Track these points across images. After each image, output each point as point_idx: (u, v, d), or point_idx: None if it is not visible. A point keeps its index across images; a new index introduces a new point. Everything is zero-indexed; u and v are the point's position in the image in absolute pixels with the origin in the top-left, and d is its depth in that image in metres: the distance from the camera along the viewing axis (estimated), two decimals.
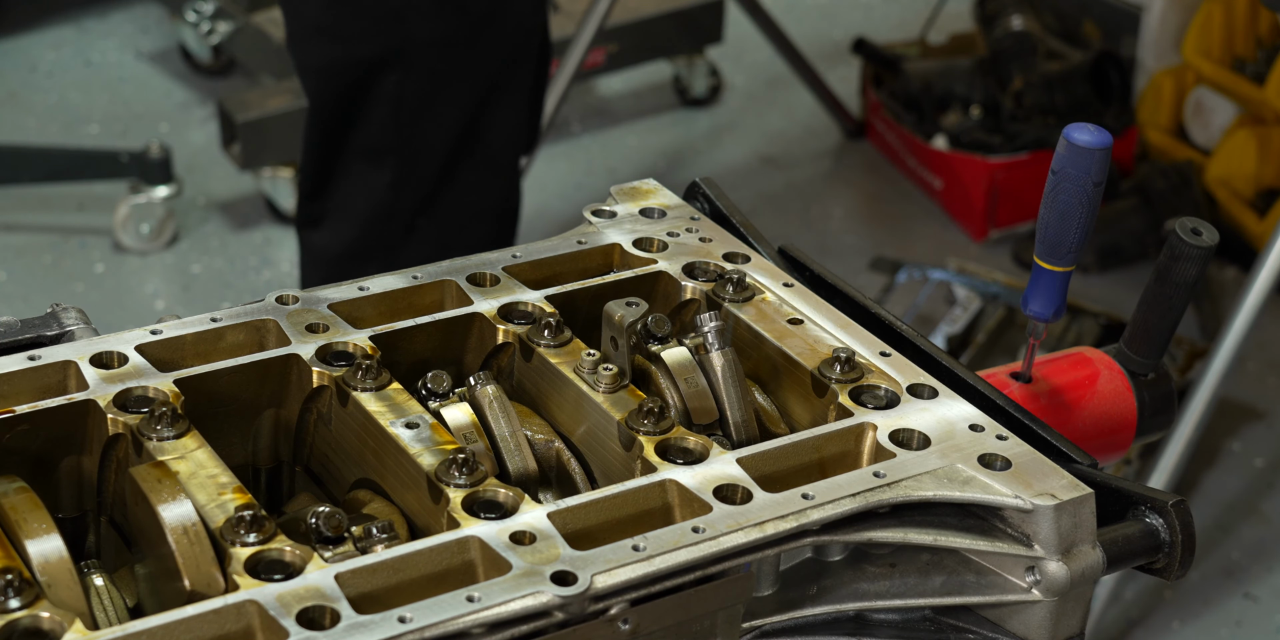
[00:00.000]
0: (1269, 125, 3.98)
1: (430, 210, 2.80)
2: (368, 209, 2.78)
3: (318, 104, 2.74)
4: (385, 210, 2.78)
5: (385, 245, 2.81)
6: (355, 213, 2.80)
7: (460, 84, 2.70)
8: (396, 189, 2.75)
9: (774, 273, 1.59)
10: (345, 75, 2.69)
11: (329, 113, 2.74)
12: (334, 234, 2.84)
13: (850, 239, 4.14)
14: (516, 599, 1.17)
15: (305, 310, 1.47)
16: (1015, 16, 4.31)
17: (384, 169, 2.74)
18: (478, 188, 2.82)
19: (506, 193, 2.87)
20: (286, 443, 1.48)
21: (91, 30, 4.82)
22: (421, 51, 2.64)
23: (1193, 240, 1.53)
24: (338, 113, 2.73)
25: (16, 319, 1.45)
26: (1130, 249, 4.04)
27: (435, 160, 2.76)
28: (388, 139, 2.71)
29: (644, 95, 4.69)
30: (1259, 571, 3.25)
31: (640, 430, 1.35)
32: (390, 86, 2.67)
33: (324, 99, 2.73)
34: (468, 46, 2.67)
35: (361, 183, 2.77)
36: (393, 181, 2.74)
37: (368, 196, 2.77)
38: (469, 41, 2.66)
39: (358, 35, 2.65)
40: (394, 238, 2.81)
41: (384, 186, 2.75)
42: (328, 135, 2.76)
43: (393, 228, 2.80)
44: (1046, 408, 1.58)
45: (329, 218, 2.83)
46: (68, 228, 4.05)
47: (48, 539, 1.22)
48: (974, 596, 1.34)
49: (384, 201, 2.77)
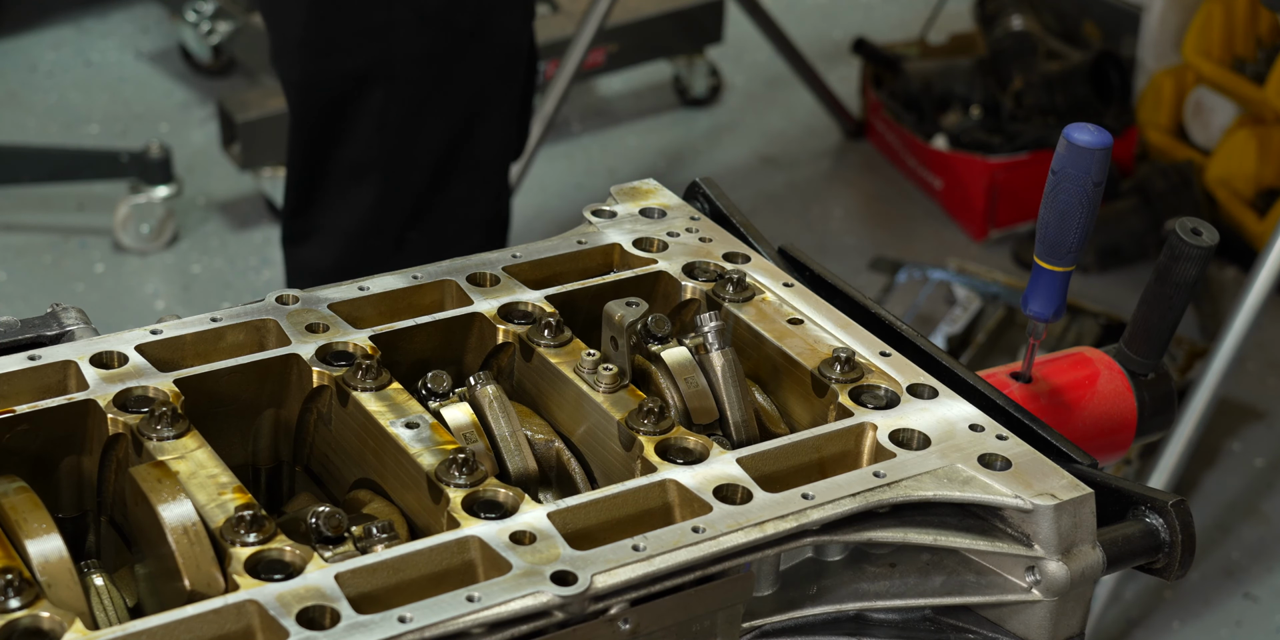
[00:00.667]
0: (1269, 125, 3.98)
1: (418, 224, 2.78)
2: (354, 225, 2.76)
3: (301, 118, 2.72)
4: (372, 226, 2.76)
5: (373, 260, 2.77)
6: (341, 228, 2.78)
7: (446, 99, 2.68)
8: (383, 204, 2.73)
9: (774, 273, 1.59)
10: (329, 89, 2.66)
11: (312, 127, 2.71)
12: (321, 249, 2.82)
13: (850, 239, 4.14)
14: (516, 599, 1.17)
15: (305, 310, 1.47)
16: (1015, 16, 4.31)
17: (370, 184, 2.72)
18: (466, 201, 2.80)
19: (495, 204, 2.86)
20: (286, 443, 1.48)
21: (91, 30, 4.82)
22: (406, 67, 2.63)
23: (1193, 240, 1.53)
24: (321, 127, 2.71)
25: (16, 319, 1.45)
26: (1130, 249, 4.04)
27: (422, 175, 2.74)
28: (373, 154, 2.70)
29: (644, 95, 4.69)
30: (1259, 571, 3.25)
31: (640, 430, 1.35)
32: (375, 101, 2.65)
33: (308, 113, 2.71)
34: (454, 62, 2.65)
35: (347, 198, 2.75)
36: (379, 197, 2.72)
37: (353, 212, 2.75)
38: (455, 56, 2.65)
39: (341, 49, 2.63)
40: (382, 253, 2.79)
41: (370, 202, 2.73)
42: (312, 150, 2.74)
43: (380, 243, 2.78)
44: (1046, 408, 1.58)
45: (316, 234, 2.81)
46: (68, 228, 4.05)
47: (48, 539, 1.22)
48: (974, 596, 1.34)
49: (370, 217, 2.75)
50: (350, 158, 2.71)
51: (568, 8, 4.35)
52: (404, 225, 2.78)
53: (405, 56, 2.62)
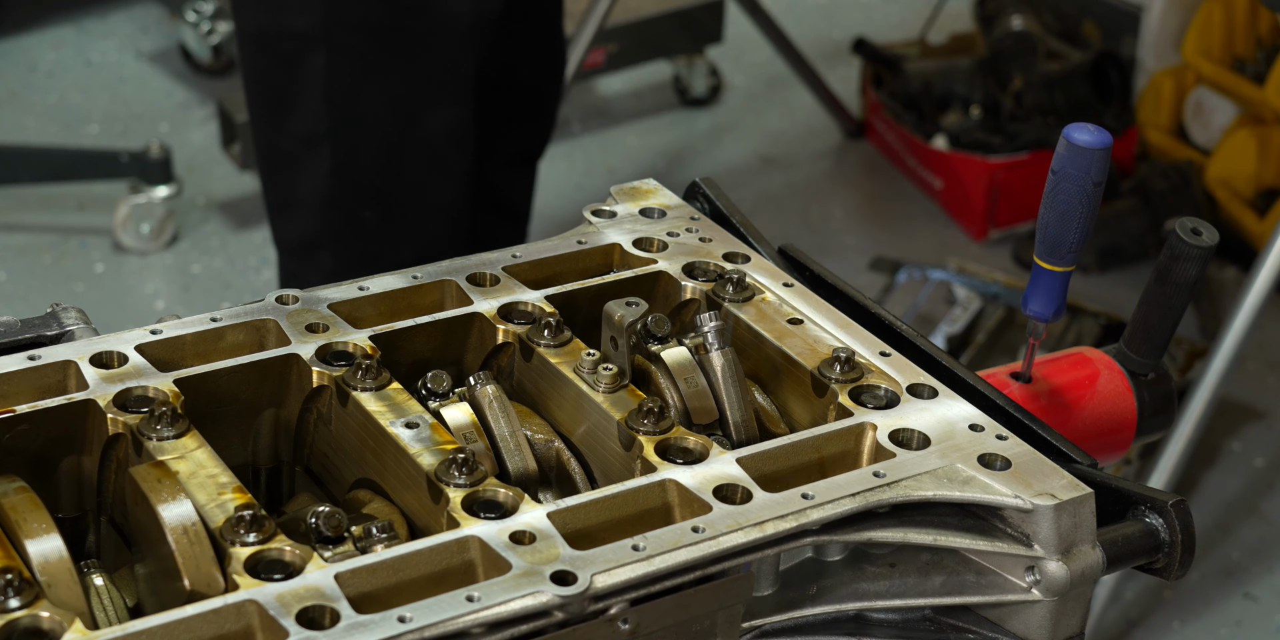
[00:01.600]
0: (1269, 125, 3.98)
1: (375, 204, 2.85)
2: (312, 196, 2.84)
3: (254, 77, 2.82)
4: (330, 201, 2.83)
5: (334, 234, 2.87)
6: (303, 201, 2.87)
7: (388, 74, 2.74)
8: (337, 177, 2.81)
9: (774, 273, 1.59)
10: (277, 47, 2.74)
11: (266, 88, 2.80)
12: (288, 221, 2.91)
13: (850, 239, 4.14)
14: (516, 599, 1.17)
15: (305, 310, 1.47)
16: (1015, 16, 4.31)
17: (322, 157, 2.80)
18: (423, 186, 2.86)
19: (456, 195, 2.89)
20: (286, 443, 1.48)
21: (91, 30, 4.82)
22: (346, 33, 2.70)
23: (1193, 240, 1.53)
24: (274, 89, 2.79)
25: (16, 319, 1.45)
26: (1130, 249, 4.04)
27: (370, 150, 2.81)
28: (322, 125, 2.77)
29: (644, 95, 4.69)
30: (1259, 571, 3.25)
31: (640, 430, 1.35)
32: (318, 67, 2.72)
33: (258, 70, 2.80)
34: (391, 33, 2.71)
35: (305, 170, 2.84)
36: (332, 169, 2.80)
37: (311, 183, 2.83)
38: (393, 28, 2.70)
39: (290, 7, 2.71)
40: (341, 227, 2.87)
41: (325, 173, 2.81)
42: (268, 115, 2.83)
43: (339, 217, 2.86)
44: (1046, 408, 1.58)
45: (283, 207, 2.91)
46: (68, 228, 4.05)
47: (48, 539, 1.22)
48: (974, 596, 1.34)
49: (326, 192, 2.82)
50: (302, 128, 2.78)
51: (568, 8, 4.34)
52: (359, 203, 2.85)
53: (343, 22, 2.69)
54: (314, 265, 2.90)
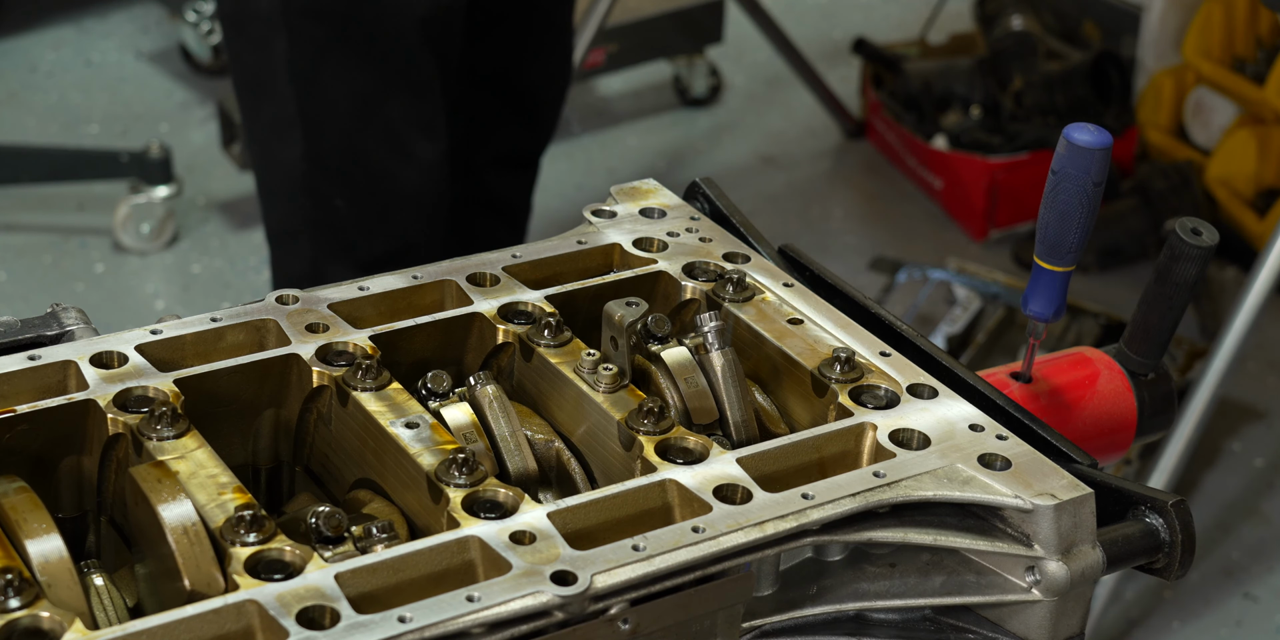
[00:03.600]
0: (1269, 125, 3.98)
1: (345, 191, 2.89)
2: (287, 181, 2.90)
3: (231, 56, 2.90)
4: (303, 187, 2.88)
5: (310, 221, 2.91)
6: (278, 184, 2.92)
7: (344, 60, 2.79)
8: (309, 160, 2.86)
9: (774, 273, 1.59)
10: (248, 29, 2.80)
11: (240, 67, 2.87)
12: (270, 206, 2.97)
13: (850, 239, 4.14)
14: (516, 599, 1.17)
15: (305, 310, 1.47)
16: (1015, 16, 4.31)
17: (293, 141, 2.85)
18: (390, 176, 2.89)
19: (425, 187, 2.91)
20: (286, 443, 1.48)
21: (91, 30, 4.82)
22: (299, 18, 2.75)
23: (1193, 240, 1.53)
24: (248, 71, 2.85)
25: (16, 319, 1.45)
26: (1130, 249, 4.04)
27: (336, 137, 2.86)
28: (289, 110, 2.82)
29: (644, 95, 4.69)
30: (1259, 571, 3.25)
31: (640, 430, 1.35)
32: (281, 50, 2.77)
33: (234, 52, 2.88)
34: (345, 21, 2.75)
35: (280, 155, 2.89)
36: (303, 154, 2.85)
37: (285, 168, 2.88)
38: (345, 16, 2.75)
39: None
40: (316, 215, 2.91)
41: (297, 158, 2.86)
42: (246, 97, 2.90)
43: (312, 204, 2.90)
44: (1046, 408, 1.58)
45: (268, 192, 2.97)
46: (68, 228, 4.05)
47: (48, 539, 1.22)
48: (974, 596, 1.34)
49: (299, 177, 2.87)
50: (274, 110, 2.84)
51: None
52: (332, 189, 2.89)
53: (295, 7, 2.74)
54: (295, 253, 2.94)
